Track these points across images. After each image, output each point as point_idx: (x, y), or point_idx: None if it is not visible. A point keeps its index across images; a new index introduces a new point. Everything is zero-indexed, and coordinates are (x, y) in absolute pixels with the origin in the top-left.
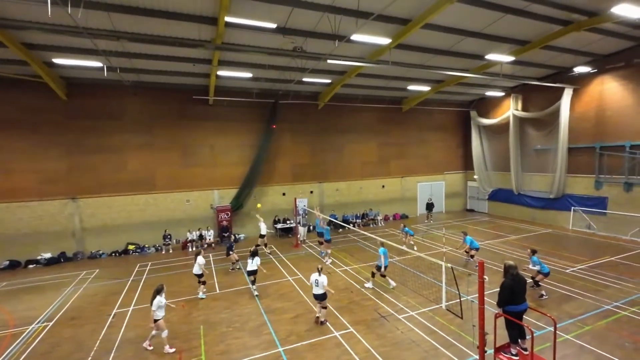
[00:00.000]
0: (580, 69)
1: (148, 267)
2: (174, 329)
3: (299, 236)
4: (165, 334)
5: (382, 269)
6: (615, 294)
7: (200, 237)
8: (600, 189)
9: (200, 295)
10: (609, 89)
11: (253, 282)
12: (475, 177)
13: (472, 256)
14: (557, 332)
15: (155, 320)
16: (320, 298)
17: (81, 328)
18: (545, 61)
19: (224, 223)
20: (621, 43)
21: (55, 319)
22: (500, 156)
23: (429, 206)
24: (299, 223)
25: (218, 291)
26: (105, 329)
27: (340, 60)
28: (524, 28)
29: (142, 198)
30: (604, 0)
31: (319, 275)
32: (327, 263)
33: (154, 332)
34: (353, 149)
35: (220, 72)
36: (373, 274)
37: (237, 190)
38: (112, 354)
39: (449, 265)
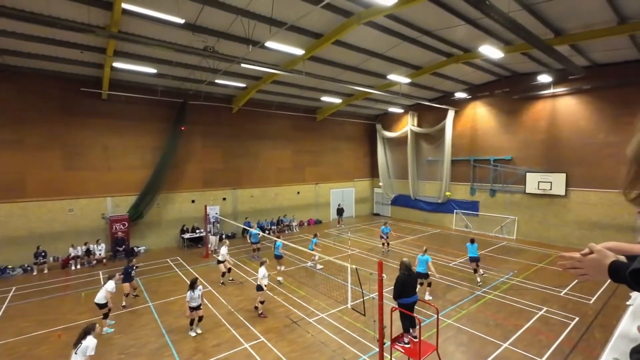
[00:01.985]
0: (459, 94)
1: (11, 293)
2: None
3: (209, 246)
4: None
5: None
6: (484, 281)
7: (88, 252)
8: (474, 194)
9: (106, 330)
10: (480, 113)
11: (197, 321)
12: (380, 183)
13: (475, 270)
14: (440, 318)
15: None
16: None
17: None
18: (434, 85)
19: (120, 234)
20: (487, 76)
21: None
22: (400, 165)
23: (340, 211)
24: (210, 232)
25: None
26: None
27: (254, 65)
28: (417, 55)
29: (4, 207)
30: (475, 40)
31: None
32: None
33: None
34: (268, 155)
35: (117, 64)
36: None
37: (137, 197)
38: None
39: (354, 266)
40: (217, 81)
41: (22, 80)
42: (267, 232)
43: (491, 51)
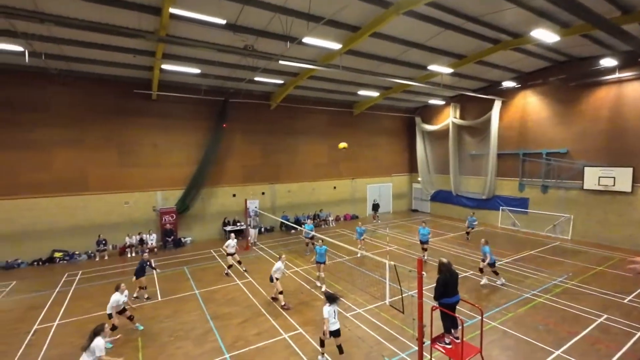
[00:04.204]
0: (507, 84)
1: (78, 276)
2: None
3: (249, 238)
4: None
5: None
6: (533, 283)
7: (141, 241)
8: (523, 190)
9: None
10: (531, 103)
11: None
12: (419, 179)
13: (481, 270)
14: (484, 320)
15: None
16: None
17: None
18: (478, 74)
19: (169, 226)
20: (540, 63)
21: None
22: (441, 160)
23: (375, 207)
24: (250, 225)
25: (160, 299)
26: (22, 349)
27: (292, 61)
28: (461, 43)
29: (71, 200)
30: (526, 24)
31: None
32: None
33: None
34: (305, 151)
35: (165, 66)
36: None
37: (183, 191)
38: None
39: (392, 263)
40: (256, 79)
41: (84, 84)
42: (303, 225)
43: (545, 35)
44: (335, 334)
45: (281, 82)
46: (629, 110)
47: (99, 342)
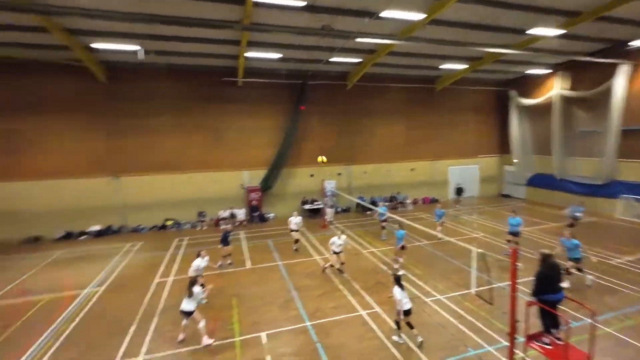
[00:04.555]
0: (638, 43)
1: (185, 242)
2: (209, 300)
3: (326, 217)
4: (202, 323)
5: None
6: None
7: (232, 215)
8: None
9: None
10: None
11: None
12: (513, 160)
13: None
14: (596, 324)
15: (189, 313)
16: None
17: (128, 294)
18: (597, 34)
19: (254, 202)
20: None
21: (105, 285)
22: (541, 139)
23: (459, 191)
24: (327, 205)
25: (249, 266)
26: (148, 297)
27: (369, 38)
28: None
29: (177, 177)
30: None
31: (339, 239)
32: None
33: (185, 321)
34: (382, 131)
35: (249, 54)
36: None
37: (266, 171)
38: (156, 317)
39: (481, 250)
40: (333, 59)
41: (182, 76)
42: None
43: None
44: (408, 312)
45: (358, 60)
46: None
47: (197, 289)
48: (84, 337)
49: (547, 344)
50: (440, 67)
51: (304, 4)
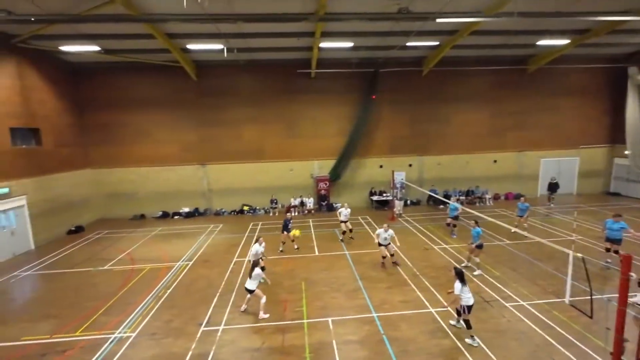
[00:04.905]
0: None
1: (259, 226)
2: (280, 281)
3: (395, 210)
4: (263, 300)
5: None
6: None
7: (302, 203)
8: None
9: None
10: None
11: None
12: (626, 152)
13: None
14: None
15: (251, 291)
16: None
17: (211, 269)
18: None
19: (323, 192)
20: None
21: (193, 260)
22: None
23: (553, 187)
24: (396, 196)
25: (317, 253)
26: (228, 273)
27: (451, 17)
28: None
29: (253, 166)
30: None
31: (385, 232)
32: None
33: (248, 296)
34: (460, 119)
35: (322, 44)
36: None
37: (335, 161)
38: (234, 293)
39: (580, 255)
40: (408, 44)
41: (260, 70)
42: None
43: None
44: (470, 309)
45: (436, 43)
46: None
47: (257, 271)
48: (177, 302)
49: None
50: (537, 43)
51: None
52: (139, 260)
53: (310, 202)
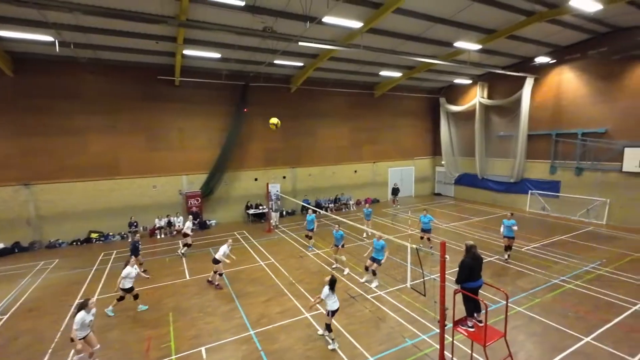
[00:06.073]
0: (541, 59)
1: (113, 255)
2: (140, 316)
3: (271, 221)
4: (97, 348)
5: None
6: (563, 269)
7: (169, 223)
8: (554, 173)
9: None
10: (566, 80)
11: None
12: (442, 162)
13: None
14: (509, 305)
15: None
16: None
17: (41, 319)
18: (509, 50)
19: (194, 209)
20: (578, 35)
21: (10, 312)
22: (466, 142)
23: (395, 191)
24: (272, 208)
25: (188, 277)
26: (67, 320)
27: (311, 42)
28: (491, 17)
29: (105, 183)
30: None
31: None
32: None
33: (79, 346)
34: (326, 134)
35: (187, 52)
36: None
37: (207, 175)
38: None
39: (414, 246)
40: (275, 62)
41: (111, 72)
42: (324, 209)
43: (586, 4)
44: (334, 314)
45: (301, 64)
46: None
47: (77, 317)
48: None
49: (470, 327)
50: (380, 73)
51: (242, 4)
52: None
53: (179, 222)
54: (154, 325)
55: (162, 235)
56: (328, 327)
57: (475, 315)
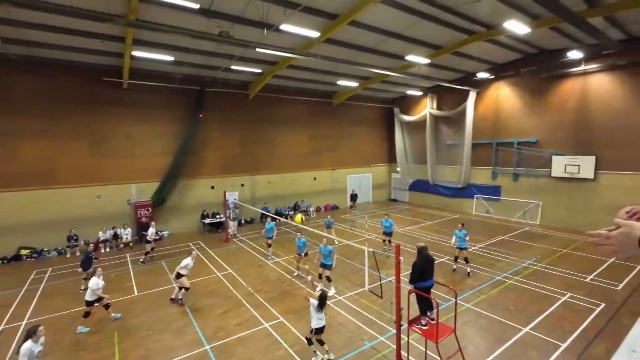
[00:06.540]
0: (482, 75)
1: (48, 274)
2: (82, 339)
3: (229, 230)
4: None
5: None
6: (505, 266)
7: (115, 236)
8: (495, 179)
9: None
10: (503, 94)
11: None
12: (397, 169)
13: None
14: (458, 302)
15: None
16: None
17: None
18: (454, 65)
19: (144, 219)
20: (512, 55)
21: None
22: (419, 150)
23: (353, 197)
24: (229, 217)
25: (136, 293)
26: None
27: (269, 49)
28: (437, 34)
29: (39, 194)
30: (499, 15)
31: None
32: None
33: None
34: (285, 141)
35: (136, 53)
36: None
37: (159, 183)
38: None
39: (371, 249)
40: (233, 67)
41: (49, 71)
42: (284, 217)
43: (517, 27)
44: (317, 332)
45: (259, 71)
46: (593, 102)
47: (24, 349)
48: None
49: (423, 325)
50: (337, 82)
51: (197, 6)
52: None
53: (127, 234)
54: (95, 348)
55: (107, 249)
56: (308, 341)
57: (428, 313)
